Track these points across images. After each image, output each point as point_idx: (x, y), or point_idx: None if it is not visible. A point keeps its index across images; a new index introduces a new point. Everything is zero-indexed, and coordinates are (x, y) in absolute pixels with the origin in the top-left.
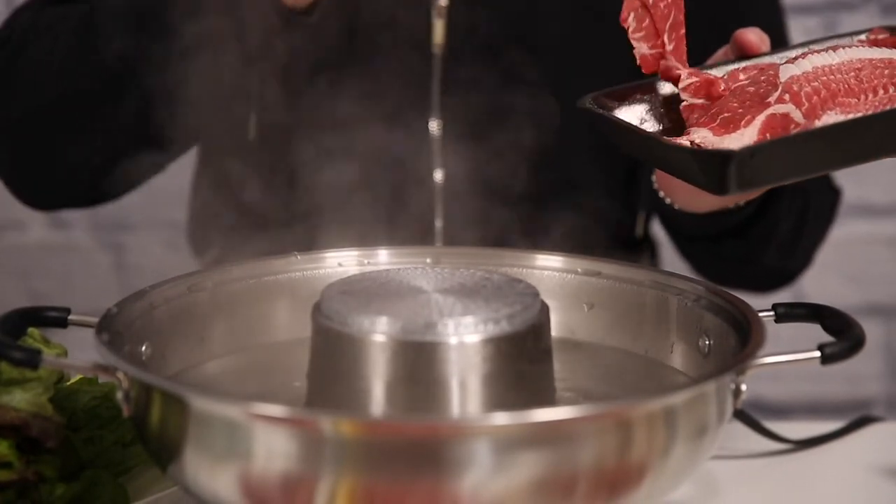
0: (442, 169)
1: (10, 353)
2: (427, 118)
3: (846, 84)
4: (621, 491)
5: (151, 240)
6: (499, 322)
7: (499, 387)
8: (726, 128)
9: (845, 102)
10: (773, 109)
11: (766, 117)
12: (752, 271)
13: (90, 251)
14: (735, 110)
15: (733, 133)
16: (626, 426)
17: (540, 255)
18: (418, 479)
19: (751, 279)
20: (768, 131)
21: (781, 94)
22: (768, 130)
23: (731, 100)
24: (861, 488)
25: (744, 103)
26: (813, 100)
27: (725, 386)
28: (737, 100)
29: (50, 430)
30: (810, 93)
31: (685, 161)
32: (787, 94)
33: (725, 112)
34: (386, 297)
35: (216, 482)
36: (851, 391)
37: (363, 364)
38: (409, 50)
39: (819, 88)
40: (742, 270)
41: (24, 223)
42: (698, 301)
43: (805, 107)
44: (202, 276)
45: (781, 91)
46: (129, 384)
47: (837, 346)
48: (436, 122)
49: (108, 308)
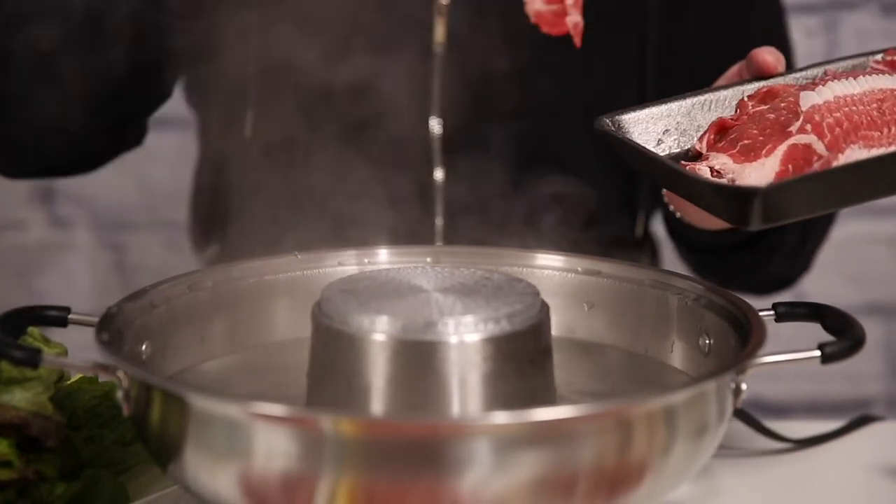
0: (442, 168)
1: (10, 352)
2: (428, 116)
3: (868, 116)
4: (621, 490)
5: (151, 239)
6: (499, 321)
7: (499, 386)
8: (747, 156)
9: (868, 136)
10: (795, 140)
11: (787, 147)
12: (756, 279)
13: (90, 250)
14: (755, 138)
15: (754, 162)
16: (626, 425)
17: (540, 254)
18: (418, 479)
19: (753, 285)
20: (790, 162)
21: (803, 125)
22: (790, 161)
23: (750, 126)
24: (861, 487)
25: (764, 131)
26: (835, 132)
27: (726, 385)
28: (757, 127)
29: (50, 429)
30: (832, 124)
31: (707, 193)
32: (809, 125)
33: (745, 139)
34: (386, 296)
35: (216, 481)
36: (852, 390)
37: (363, 363)
38: (410, 48)
39: (841, 120)
40: (746, 278)
41: (25, 222)
42: (698, 300)
43: (828, 139)
44: (202, 276)
45: (803, 121)
46: (130, 383)
47: (838, 346)
48: (436, 121)
49: (108, 307)
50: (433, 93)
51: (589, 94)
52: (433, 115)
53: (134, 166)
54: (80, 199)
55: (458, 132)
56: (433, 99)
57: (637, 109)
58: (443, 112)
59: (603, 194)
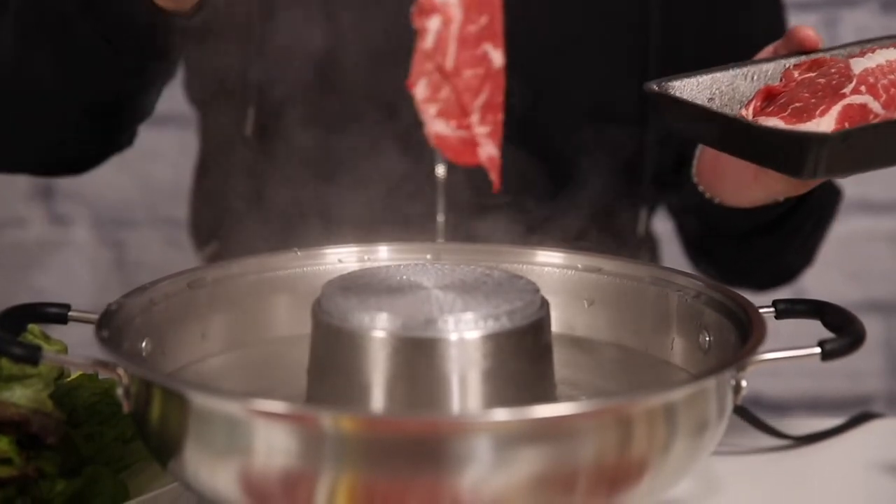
0: (444, 164)
1: (10, 349)
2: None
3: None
4: (621, 487)
5: (151, 236)
6: (499, 318)
7: (499, 383)
8: (799, 117)
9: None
10: (850, 100)
11: (842, 107)
12: (767, 268)
13: (90, 248)
14: (807, 100)
15: (808, 122)
16: (626, 422)
17: (540, 251)
18: (418, 476)
19: (762, 276)
20: (846, 121)
21: (857, 86)
22: (846, 120)
23: (801, 91)
24: (861, 484)
25: (816, 93)
26: (891, 91)
27: (726, 382)
28: (808, 90)
29: (50, 427)
30: (887, 85)
31: (767, 144)
32: (864, 86)
33: (796, 102)
34: (386, 293)
35: (216, 478)
36: (851, 388)
37: (363, 360)
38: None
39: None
40: (759, 267)
41: (25, 219)
42: (698, 297)
43: (883, 98)
44: (202, 273)
45: (857, 83)
46: (130, 380)
47: (837, 343)
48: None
49: (108, 304)
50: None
51: (591, 92)
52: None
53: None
54: (80, 197)
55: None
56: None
57: (683, 77)
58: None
59: (605, 192)
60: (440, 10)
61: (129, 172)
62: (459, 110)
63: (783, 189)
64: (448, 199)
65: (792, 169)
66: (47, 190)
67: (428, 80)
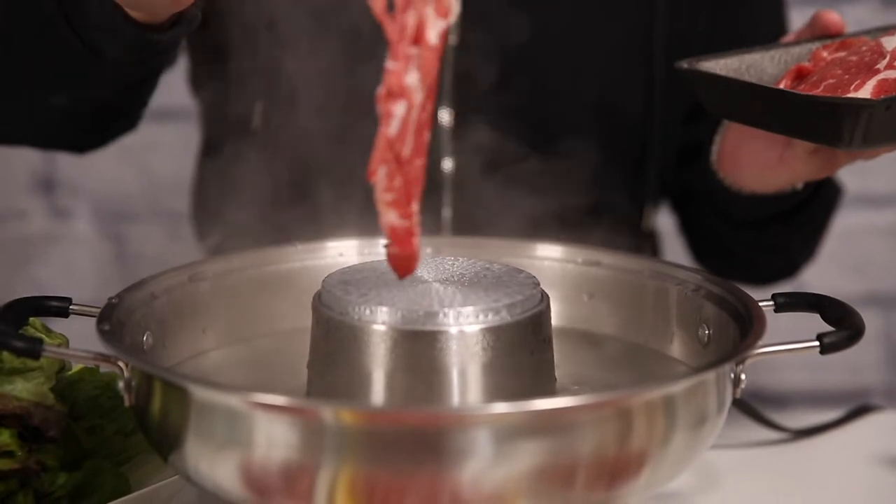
0: (451, 158)
1: (11, 342)
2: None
3: None
4: (621, 480)
5: (152, 230)
6: (499, 312)
7: (499, 376)
8: (833, 92)
9: None
10: (885, 75)
11: (877, 82)
12: (772, 262)
13: (91, 241)
14: (840, 76)
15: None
16: (625, 415)
17: (540, 244)
18: (419, 468)
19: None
20: (882, 94)
21: (891, 62)
22: (882, 94)
23: (833, 68)
24: (860, 477)
25: (849, 70)
26: None
27: (725, 375)
28: (840, 68)
29: (52, 420)
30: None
31: (807, 113)
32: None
33: (829, 79)
34: (386, 286)
35: (217, 471)
36: (850, 381)
37: (363, 353)
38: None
39: None
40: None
41: (26, 213)
42: (698, 291)
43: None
44: (203, 266)
45: (890, 59)
46: (131, 374)
47: (836, 336)
48: (446, 111)
49: (109, 298)
50: (444, 84)
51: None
52: (443, 106)
53: (135, 156)
54: (81, 190)
55: (466, 123)
56: (443, 89)
57: (711, 58)
58: (453, 102)
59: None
60: (406, 95)
61: (130, 165)
62: (406, 199)
63: (808, 171)
64: (454, 193)
65: (832, 138)
66: (48, 183)
67: (386, 168)
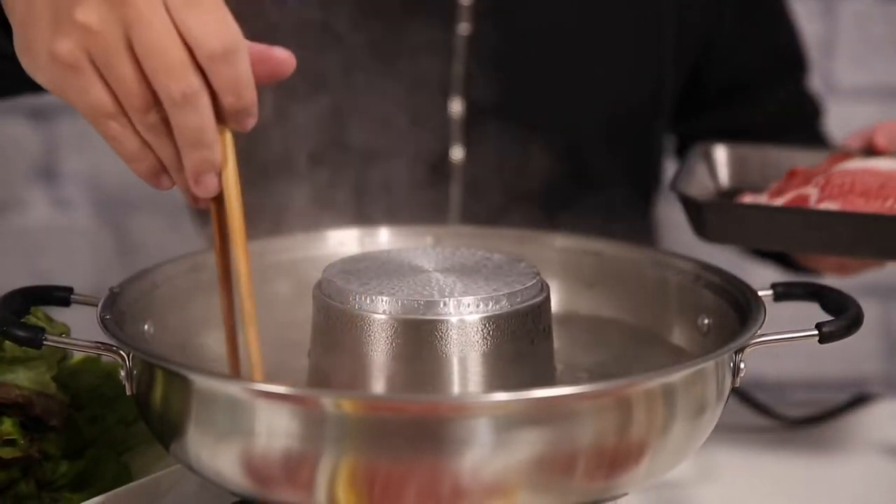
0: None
1: (13, 331)
2: (447, 98)
3: None
4: (621, 469)
5: (154, 219)
6: (499, 301)
7: (499, 365)
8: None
9: None
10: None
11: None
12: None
13: (93, 231)
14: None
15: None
16: (625, 404)
17: (540, 234)
18: (419, 457)
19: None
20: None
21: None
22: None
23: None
24: (858, 465)
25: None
26: None
27: (724, 364)
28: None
29: (53, 409)
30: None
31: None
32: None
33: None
34: (387, 275)
35: (218, 460)
36: (849, 370)
37: (364, 342)
38: (433, 31)
39: None
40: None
41: (27, 203)
42: (697, 280)
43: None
44: (204, 256)
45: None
46: (132, 363)
47: (835, 325)
48: (457, 102)
49: (110, 287)
50: (454, 74)
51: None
52: (454, 95)
53: None
54: (81, 180)
55: (476, 114)
56: (454, 80)
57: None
58: (463, 93)
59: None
60: None
61: None
62: None
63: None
64: (462, 183)
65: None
66: (49, 173)
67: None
